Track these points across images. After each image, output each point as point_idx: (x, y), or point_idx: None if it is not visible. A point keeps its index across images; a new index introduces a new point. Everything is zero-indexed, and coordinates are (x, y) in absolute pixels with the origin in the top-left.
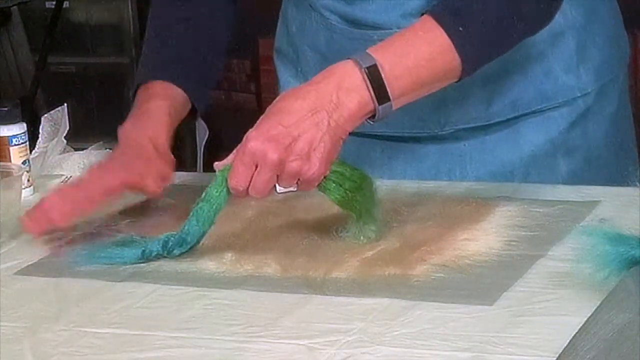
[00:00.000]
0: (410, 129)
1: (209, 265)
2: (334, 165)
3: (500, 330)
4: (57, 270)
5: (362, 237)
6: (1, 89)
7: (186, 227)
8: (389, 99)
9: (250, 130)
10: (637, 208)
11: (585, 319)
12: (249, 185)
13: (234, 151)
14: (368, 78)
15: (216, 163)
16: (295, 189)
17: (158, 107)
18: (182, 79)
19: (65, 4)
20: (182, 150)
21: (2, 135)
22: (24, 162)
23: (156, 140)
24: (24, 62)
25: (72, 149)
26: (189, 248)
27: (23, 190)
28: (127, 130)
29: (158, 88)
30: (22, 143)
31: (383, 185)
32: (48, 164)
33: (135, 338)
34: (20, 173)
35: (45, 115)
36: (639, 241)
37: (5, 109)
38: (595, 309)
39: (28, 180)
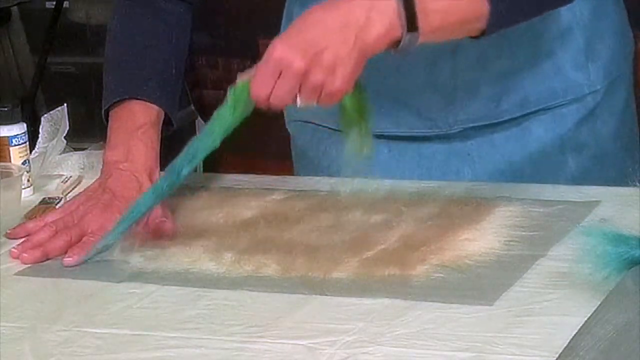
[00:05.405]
0: (419, 128)
1: (209, 265)
2: None
3: (500, 330)
4: (57, 270)
5: (363, 149)
6: (1, 89)
7: (194, 146)
8: (417, 30)
9: (275, 38)
10: (637, 208)
11: (585, 319)
12: (270, 93)
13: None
14: (402, 4)
15: (240, 74)
16: (315, 104)
17: (149, 138)
18: (162, 98)
19: (65, 4)
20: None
21: (2, 135)
22: (24, 162)
23: (152, 176)
24: (24, 62)
25: (72, 149)
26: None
27: (23, 190)
28: (118, 160)
29: (141, 110)
30: (22, 143)
31: (383, 185)
32: (48, 164)
33: (135, 338)
34: (20, 173)
35: (45, 115)
36: (639, 241)
37: (5, 109)
38: (595, 309)
39: (28, 180)
